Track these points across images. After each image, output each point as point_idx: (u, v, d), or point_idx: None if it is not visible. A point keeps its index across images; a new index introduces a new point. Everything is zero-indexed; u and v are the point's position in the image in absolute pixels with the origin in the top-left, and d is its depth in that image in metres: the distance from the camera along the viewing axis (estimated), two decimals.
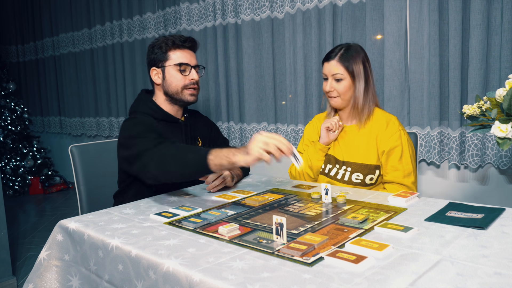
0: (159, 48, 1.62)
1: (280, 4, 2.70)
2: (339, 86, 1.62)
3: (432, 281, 0.77)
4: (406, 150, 1.60)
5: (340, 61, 1.61)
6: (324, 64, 1.65)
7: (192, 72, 1.63)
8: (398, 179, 1.59)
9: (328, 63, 1.63)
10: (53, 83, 4.87)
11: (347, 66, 1.60)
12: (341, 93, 1.63)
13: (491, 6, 1.96)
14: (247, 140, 3.01)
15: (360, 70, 1.62)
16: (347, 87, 1.62)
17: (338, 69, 1.61)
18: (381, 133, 1.63)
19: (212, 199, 1.44)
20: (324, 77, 1.67)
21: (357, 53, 1.62)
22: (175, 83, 1.62)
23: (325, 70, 1.64)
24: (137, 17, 3.65)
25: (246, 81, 2.91)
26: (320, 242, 0.96)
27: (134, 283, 0.97)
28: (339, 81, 1.62)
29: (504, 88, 1.08)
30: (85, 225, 1.18)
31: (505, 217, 1.11)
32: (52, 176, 4.80)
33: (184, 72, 1.62)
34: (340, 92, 1.63)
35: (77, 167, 1.76)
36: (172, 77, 1.62)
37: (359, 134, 1.67)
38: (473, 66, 2.00)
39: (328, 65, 1.63)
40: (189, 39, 1.64)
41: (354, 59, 1.61)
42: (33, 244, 3.11)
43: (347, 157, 1.67)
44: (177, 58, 1.61)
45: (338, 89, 1.63)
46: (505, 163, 2.00)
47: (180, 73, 1.61)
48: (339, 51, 1.62)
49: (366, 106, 1.65)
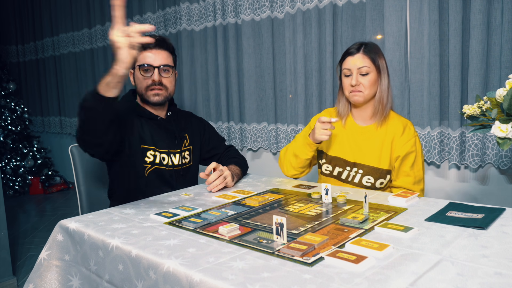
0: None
1: (280, 4, 2.70)
2: (365, 79, 1.55)
3: (432, 281, 0.77)
4: (419, 157, 1.58)
5: (366, 53, 1.55)
6: (348, 58, 1.57)
7: (154, 72, 1.60)
8: (408, 185, 1.57)
9: (353, 57, 1.56)
10: (53, 83, 4.87)
11: (373, 59, 1.55)
12: (366, 87, 1.55)
13: (491, 6, 1.96)
14: (247, 140, 3.01)
15: (384, 64, 1.58)
16: (373, 81, 1.56)
17: (365, 61, 1.54)
18: (397, 137, 1.58)
19: (212, 199, 1.44)
20: (346, 73, 1.58)
21: (377, 48, 1.59)
22: (140, 85, 1.64)
23: (349, 65, 1.56)
24: (137, 17, 3.65)
25: (246, 81, 2.91)
26: (320, 242, 0.96)
27: (134, 283, 0.97)
28: (365, 75, 1.55)
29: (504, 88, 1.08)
30: (85, 225, 1.18)
31: (505, 217, 1.11)
32: (52, 176, 4.80)
33: (146, 73, 1.61)
34: (366, 86, 1.55)
35: (77, 167, 1.76)
36: (137, 79, 1.64)
37: (375, 135, 1.62)
38: (473, 66, 2.00)
39: (353, 59, 1.56)
40: (155, 38, 1.62)
41: (377, 53, 1.57)
42: (33, 244, 3.11)
43: (359, 159, 1.62)
44: (141, 59, 1.61)
45: (364, 83, 1.55)
46: (505, 163, 2.00)
47: (142, 75, 1.61)
48: (360, 46, 1.57)
49: (388, 104, 1.60)
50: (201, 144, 1.83)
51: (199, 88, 3.24)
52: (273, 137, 2.86)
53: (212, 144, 1.86)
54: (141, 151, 1.62)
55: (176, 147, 1.70)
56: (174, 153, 1.69)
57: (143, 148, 1.62)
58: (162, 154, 1.65)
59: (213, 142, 1.86)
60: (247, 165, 1.85)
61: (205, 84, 3.20)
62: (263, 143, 2.96)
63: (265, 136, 2.94)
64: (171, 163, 1.67)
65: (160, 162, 1.65)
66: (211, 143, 1.86)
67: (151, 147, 1.63)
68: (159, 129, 1.68)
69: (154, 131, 1.66)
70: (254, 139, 2.98)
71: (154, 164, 1.64)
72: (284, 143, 2.82)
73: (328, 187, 1.33)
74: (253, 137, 2.98)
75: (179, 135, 1.73)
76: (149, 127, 1.65)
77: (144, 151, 1.62)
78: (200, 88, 3.23)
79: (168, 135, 1.69)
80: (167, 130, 1.70)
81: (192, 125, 1.82)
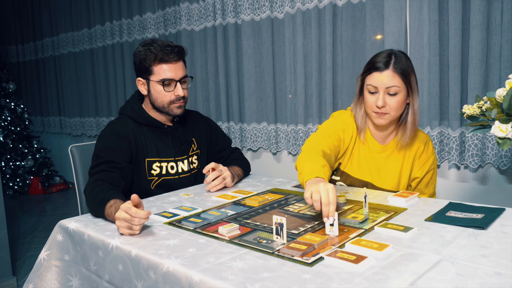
0: (143, 60, 1.55)
1: (280, 4, 2.70)
2: (393, 100, 1.37)
3: (432, 281, 0.77)
4: (435, 174, 1.52)
5: (396, 70, 1.35)
6: (374, 74, 1.38)
7: (177, 87, 1.55)
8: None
9: (381, 74, 1.36)
10: (53, 83, 4.87)
11: (404, 77, 1.36)
12: (393, 109, 1.38)
13: (491, 6, 1.96)
14: (247, 140, 3.01)
15: (415, 82, 1.40)
16: (401, 102, 1.38)
17: (395, 80, 1.35)
18: (418, 156, 1.48)
19: (212, 199, 1.44)
20: (371, 90, 1.39)
21: (408, 62, 1.39)
22: (161, 99, 1.57)
23: (376, 82, 1.37)
24: (137, 17, 3.65)
25: (246, 81, 2.91)
26: (320, 242, 0.96)
27: (134, 283, 0.97)
28: (393, 95, 1.37)
29: (504, 88, 1.08)
30: (85, 225, 1.18)
31: (505, 217, 1.11)
32: (52, 176, 4.80)
33: (168, 88, 1.55)
34: (393, 107, 1.37)
35: (77, 167, 1.76)
36: (157, 93, 1.56)
37: (394, 155, 1.49)
38: (473, 66, 2.00)
39: (381, 76, 1.36)
40: (174, 51, 1.54)
41: (409, 68, 1.38)
42: (33, 244, 3.11)
43: (377, 181, 1.50)
44: (161, 73, 1.53)
45: (390, 105, 1.37)
46: (505, 163, 2.00)
47: (164, 90, 1.55)
48: (389, 59, 1.36)
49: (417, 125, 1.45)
50: (208, 147, 1.81)
51: (199, 88, 3.24)
52: (273, 137, 2.86)
53: (219, 146, 1.84)
54: (146, 165, 1.59)
55: (183, 153, 1.67)
56: (182, 160, 1.67)
57: (148, 161, 1.60)
58: (170, 163, 1.63)
59: (220, 144, 1.84)
60: (250, 168, 1.84)
61: (205, 84, 3.20)
62: (263, 143, 2.96)
63: (265, 136, 2.93)
64: (181, 170, 1.65)
65: (167, 173, 1.62)
66: (218, 145, 1.83)
67: (156, 159, 1.61)
68: (165, 137, 1.65)
69: (158, 141, 1.63)
70: (254, 139, 2.98)
71: (161, 176, 1.62)
72: (284, 143, 2.82)
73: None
74: (253, 137, 2.98)
75: (186, 141, 1.70)
76: (152, 137, 1.62)
77: (150, 164, 1.60)
78: (200, 88, 3.23)
79: (175, 142, 1.66)
80: (174, 137, 1.67)
81: (199, 127, 1.79)
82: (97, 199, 1.27)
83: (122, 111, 1.67)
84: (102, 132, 1.59)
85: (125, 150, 1.54)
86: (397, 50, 1.42)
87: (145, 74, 1.57)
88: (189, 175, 1.69)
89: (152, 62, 1.54)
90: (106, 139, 1.55)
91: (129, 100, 1.69)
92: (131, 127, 1.60)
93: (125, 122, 1.61)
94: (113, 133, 1.56)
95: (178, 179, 1.65)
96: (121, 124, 1.60)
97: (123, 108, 1.68)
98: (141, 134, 1.61)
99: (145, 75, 1.57)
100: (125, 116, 1.64)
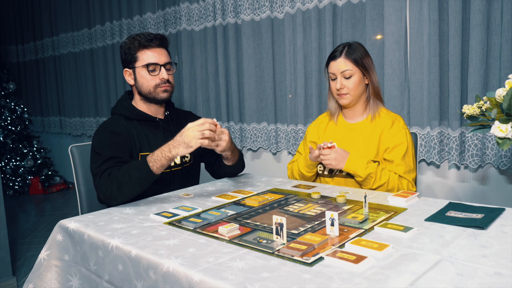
0: (128, 49, 1.64)
1: (280, 4, 2.70)
2: (349, 82, 1.62)
3: (432, 281, 0.77)
4: (410, 149, 1.62)
5: (347, 57, 1.62)
6: (331, 63, 1.65)
7: (162, 71, 1.63)
8: (399, 173, 1.60)
9: (335, 62, 1.63)
10: (53, 83, 4.87)
11: (355, 61, 1.61)
12: (351, 90, 1.63)
13: (491, 6, 1.96)
14: (247, 140, 3.01)
15: (370, 62, 1.65)
16: (357, 83, 1.63)
17: (347, 65, 1.61)
18: (386, 130, 1.63)
19: (212, 199, 1.44)
20: (332, 77, 1.66)
21: (360, 48, 1.65)
22: (146, 84, 1.64)
23: (333, 69, 1.64)
24: (137, 17, 3.65)
25: (246, 81, 2.91)
26: (320, 242, 0.96)
27: (134, 283, 0.97)
28: (348, 78, 1.62)
29: (504, 88, 1.08)
30: (85, 225, 1.18)
31: (505, 217, 1.11)
32: (52, 176, 4.80)
33: (153, 72, 1.62)
34: (350, 88, 1.63)
35: (77, 167, 1.76)
36: (143, 78, 1.63)
37: (364, 131, 1.67)
38: (473, 66, 2.00)
39: (336, 64, 1.63)
40: (156, 37, 1.64)
41: (360, 53, 1.63)
42: (33, 244, 3.11)
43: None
44: (145, 58, 1.62)
45: (348, 86, 1.63)
46: (505, 163, 2.00)
47: (149, 74, 1.62)
48: (343, 49, 1.63)
49: (379, 99, 1.69)
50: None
51: (199, 88, 3.24)
52: (273, 137, 2.86)
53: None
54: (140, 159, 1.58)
55: None
56: None
57: (141, 156, 1.61)
58: None
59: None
60: (244, 163, 1.83)
61: (205, 84, 3.20)
62: (263, 143, 2.96)
63: (265, 136, 2.94)
64: (173, 163, 1.66)
65: None
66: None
67: (148, 153, 1.59)
68: (157, 131, 1.68)
69: (150, 135, 1.65)
70: (254, 139, 2.98)
71: None
72: (284, 143, 2.82)
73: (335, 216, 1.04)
74: (253, 137, 2.98)
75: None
76: (144, 131, 1.65)
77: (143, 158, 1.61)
78: (200, 88, 3.23)
79: (166, 136, 1.68)
80: (165, 131, 1.69)
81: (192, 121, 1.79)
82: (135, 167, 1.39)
83: (113, 111, 1.71)
84: (97, 132, 1.61)
85: (124, 146, 1.58)
86: (353, 41, 1.68)
87: (131, 63, 1.65)
88: (181, 168, 1.70)
89: (136, 49, 1.63)
90: (104, 137, 1.57)
91: (119, 100, 1.74)
92: (123, 124, 1.64)
93: (117, 120, 1.66)
94: (109, 131, 1.59)
95: (170, 172, 1.66)
96: (113, 122, 1.65)
97: (114, 107, 1.72)
98: (133, 129, 1.64)
99: (131, 64, 1.65)
100: (116, 114, 1.68)
